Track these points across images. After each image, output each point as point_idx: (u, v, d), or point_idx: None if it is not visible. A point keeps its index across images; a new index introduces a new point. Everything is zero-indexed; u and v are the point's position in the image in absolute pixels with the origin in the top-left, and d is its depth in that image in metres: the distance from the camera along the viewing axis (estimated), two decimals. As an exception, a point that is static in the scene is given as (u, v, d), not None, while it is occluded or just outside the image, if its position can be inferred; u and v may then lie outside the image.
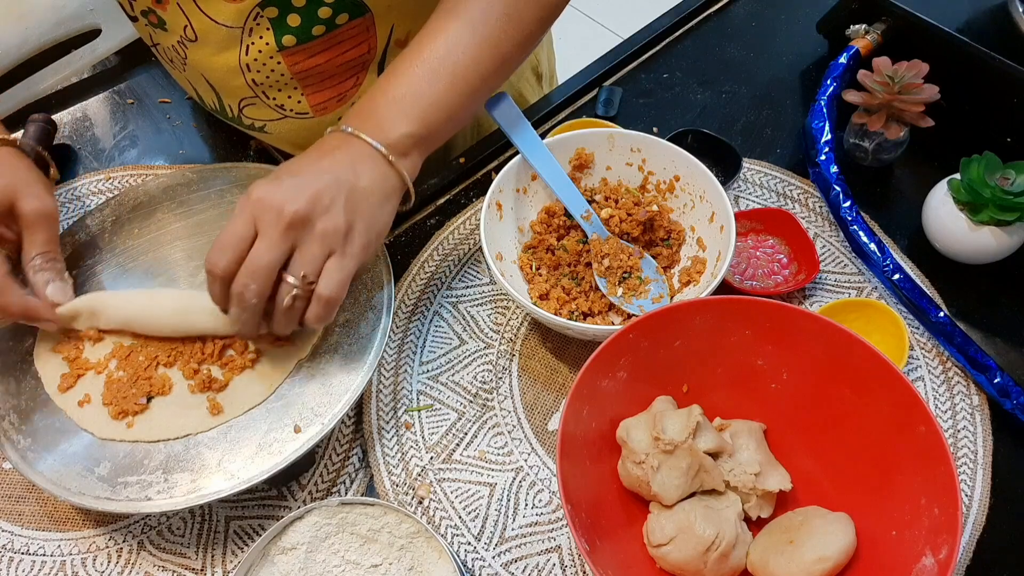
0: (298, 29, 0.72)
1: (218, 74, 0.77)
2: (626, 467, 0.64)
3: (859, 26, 0.89)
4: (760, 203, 0.84)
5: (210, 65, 0.75)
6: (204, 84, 0.80)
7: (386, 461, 0.70)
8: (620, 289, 0.74)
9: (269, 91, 0.77)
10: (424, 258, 0.82)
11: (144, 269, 0.76)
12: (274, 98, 0.78)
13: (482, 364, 0.75)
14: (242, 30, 0.71)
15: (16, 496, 0.69)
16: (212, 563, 0.66)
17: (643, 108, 0.93)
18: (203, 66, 0.76)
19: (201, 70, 0.77)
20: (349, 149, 0.63)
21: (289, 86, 0.77)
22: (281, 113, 0.80)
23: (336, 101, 0.80)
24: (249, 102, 0.79)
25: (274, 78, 0.75)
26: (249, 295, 0.60)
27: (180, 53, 0.76)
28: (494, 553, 0.66)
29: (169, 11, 0.71)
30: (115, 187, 0.88)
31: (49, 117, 0.91)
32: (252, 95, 0.78)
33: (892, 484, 0.60)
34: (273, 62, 0.74)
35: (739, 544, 0.61)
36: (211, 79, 0.78)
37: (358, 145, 0.63)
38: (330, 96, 0.79)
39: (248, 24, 0.71)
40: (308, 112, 0.80)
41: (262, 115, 0.80)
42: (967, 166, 0.74)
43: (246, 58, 0.74)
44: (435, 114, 0.65)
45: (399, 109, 0.64)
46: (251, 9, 0.70)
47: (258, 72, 0.75)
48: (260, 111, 0.80)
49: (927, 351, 0.74)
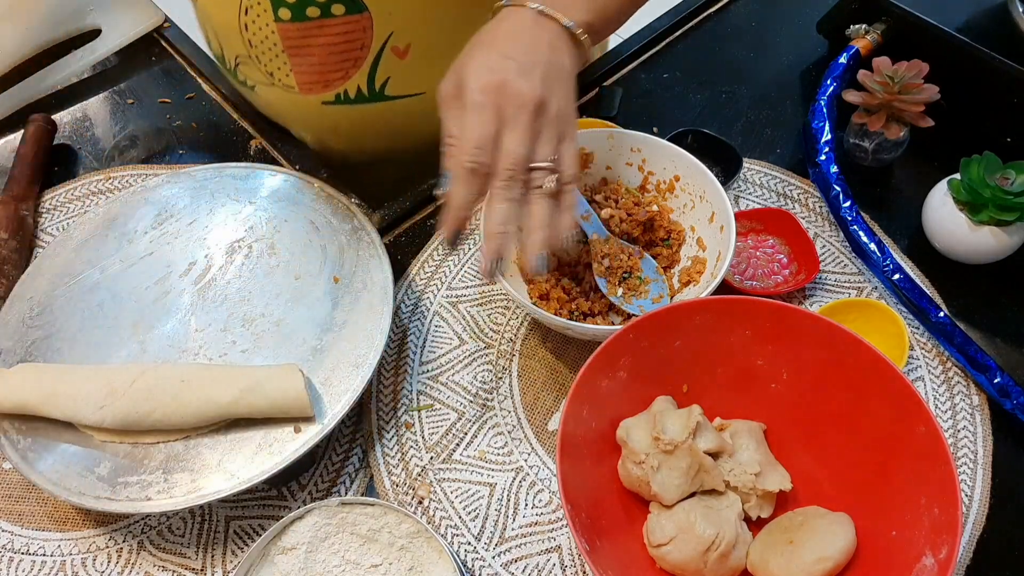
0: (294, 5, 0.74)
1: (220, 24, 0.80)
2: (626, 467, 0.64)
3: (859, 26, 0.89)
4: (760, 203, 0.84)
5: (212, 14, 0.79)
6: (211, 30, 0.83)
7: (386, 461, 0.70)
8: (620, 289, 0.74)
9: (262, 56, 0.80)
10: (424, 258, 0.82)
11: (144, 269, 0.76)
12: (265, 64, 0.81)
13: (482, 364, 0.75)
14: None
15: (16, 496, 0.69)
16: (212, 563, 0.66)
17: (643, 108, 0.93)
18: (207, 13, 0.80)
19: (206, 15, 0.81)
20: (544, 28, 0.63)
21: (280, 58, 0.79)
22: (271, 80, 0.82)
23: (322, 86, 0.81)
24: (243, 60, 0.82)
25: (267, 45, 0.78)
26: (516, 187, 0.59)
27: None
28: (494, 553, 0.66)
29: None
30: (115, 187, 0.88)
31: (49, 117, 0.91)
32: (247, 54, 0.81)
33: (892, 484, 0.60)
34: (268, 29, 0.76)
35: (739, 544, 0.61)
36: (214, 27, 0.81)
37: (550, 25, 0.63)
38: (318, 79, 0.81)
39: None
40: (294, 87, 0.81)
41: (253, 76, 0.84)
42: (967, 166, 0.74)
43: (245, 18, 0.77)
44: (611, 8, 0.67)
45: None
46: None
47: (254, 35, 0.78)
48: (252, 71, 0.83)
49: (927, 351, 0.74)
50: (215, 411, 0.65)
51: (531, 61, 0.60)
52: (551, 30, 0.63)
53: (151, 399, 0.65)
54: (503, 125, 0.59)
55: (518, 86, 0.59)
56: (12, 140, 0.92)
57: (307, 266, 0.76)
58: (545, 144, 0.60)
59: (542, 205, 0.60)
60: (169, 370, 0.67)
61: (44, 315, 0.74)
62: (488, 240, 0.60)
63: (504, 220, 0.59)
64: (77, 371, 0.67)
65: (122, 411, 0.64)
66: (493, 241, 0.60)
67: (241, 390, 0.65)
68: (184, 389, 0.65)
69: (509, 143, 0.59)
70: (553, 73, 0.61)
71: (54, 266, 0.77)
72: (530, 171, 0.59)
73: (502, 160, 0.59)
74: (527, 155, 0.59)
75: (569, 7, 0.64)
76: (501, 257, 0.60)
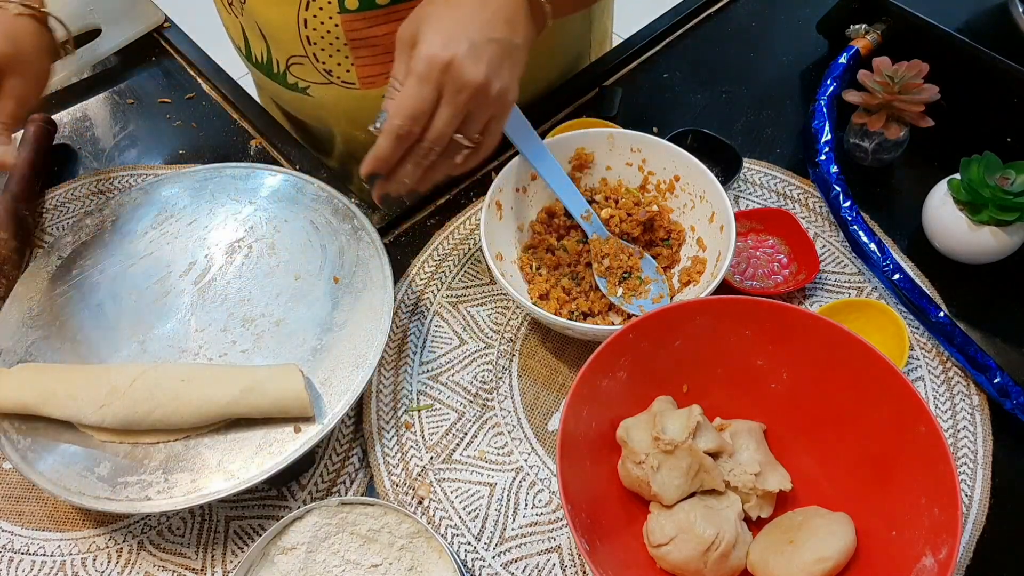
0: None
1: (274, 25, 0.77)
2: (626, 467, 0.64)
3: (859, 26, 0.89)
4: (760, 203, 0.84)
5: (267, 15, 0.76)
6: (256, 33, 0.80)
7: (386, 461, 0.70)
8: (620, 289, 0.74)
9: (320, 53, 0.77)
10: (424, 258, 0.82)
11: (144, 269, 0.76)
12: (324, 62, 0.78)
13: (482, 364, 0.75)
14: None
15: (16, 496, 0.69)
16: (212, 563, 0.66)
17: (643, 108, 0.93)
18: (260, 14, 0.76)
19: (256, 18, 0.77)
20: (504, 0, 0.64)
21: (341, 52, 0.77)
22: (327, 78, 0.80)
23: (384, 77, 0.79)
24: (297, 61, 0.79)
25: (328, 40, 0.75)
26: (432, 156, 0.63)
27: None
28: (494, 553, 0.66)
29: None
30: (115, 187, 0.88)
31: (49, 117, 0.91)
32: (302, 54, 0.78)
33: (892, 484, 0.60)
34: (331, 23, 0.74)
35: (739, 544, 0.61)
36: (265, 29, 0.78)
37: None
38: (380, 71, 0.79)
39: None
40: (355, 83, 0.79)
41: (308, 76, 0.81)
42: (967, 166, 0.74)
43: (305, 13, 0.74)
44: None
45: None
46: None
47: (314, 31, 0.75)
48: (307, 71, 0.80)
49: (927, 351, 0.74)
50: (215, 411, 0.65)
51: (484, 38, 0.61)
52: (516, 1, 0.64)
53: (151, 399, 0.65)
54: (441, 100, 0.61)
55: (465, 68, 0.60)
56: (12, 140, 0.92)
57: (307, 266, 0.76)
58: (474, 123, 0.63)
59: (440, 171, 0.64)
60: (169, 370, 0.67)
61: (44, 315, 0.74)
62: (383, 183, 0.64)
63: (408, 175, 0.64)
64: (77, 371, 0.68)
65: (122, 411, 0.64)
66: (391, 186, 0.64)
67: (241, 390, 0.65)
68: (184, 389, 0.65)
69: (440, 121, 0.61)
70: (503, 53, 0.62)
71: (54, 266, 0.77)
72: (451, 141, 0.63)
73: (429, 133, 0.62)
74: (452, 130, 0.62)
75: None
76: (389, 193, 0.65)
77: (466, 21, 0.61)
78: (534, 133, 0.76)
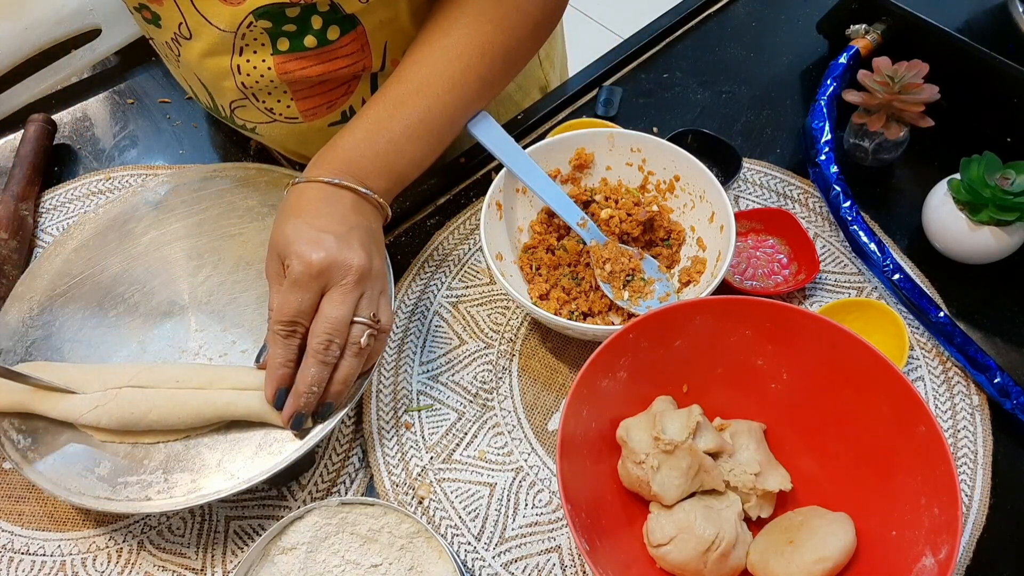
0: (292, 36, 0.72)
1: (209, 74, 0.77)
2: (626, 467, 0.64)
3: (859, 26, 0.89)
4: (760, 203, 0.84)
5: (202, 65, 0.76)
6: (197, 82, 0.80)
7: (386, 461, 0.70)
8: (626, 292, 0.74)
9: (259, 95, 0.78)
10: (424, 258, 0.82)
11: (144, 269, 0.76)
12: (264, 101, 0.78)
13: (482, 364, 0.75)
14: (235, 35, 0.71)
15: (16, 496, 0.69)
16: (212, 563, 0.66)
17: (643, 108, 0.93)
18: (195, 65, 0.77)
19: (193, 69, 0.78)
20: (343, 196, 0.67)
21: (278, 91, 0.77)
22: (271, 116, 0.80)
23: (326, 108, 0.80)
24: (239, 104, 0.79)
25: (263, 83, 0.76)
26: (334, 348, 0.62)
27: (174, 50, 0.77)
28: (494, 553, 0.66)
29: (165, 6, 0.72)
30: (115, 187, 0.88)
31: (49, 117, 0.91)
32: (242, 97, 0.78)
33: (892, 484, 0.60)
34: (264, 67, 0.74)
35: (739, 544, 0.61)
36: (203, 79, 0.79)
37: (348, 194, 0.67)
38: (320, 103, 0.79)
39: (241, 30, 0.71)
40: (297, 117, 0.80)
41: (252, 117, 0.81)
42: (967, 166, 0.74)
43: (238, 59, 0.74)
44: (411, 172, 0.72)
45: (382, 164, 0.69)
46: (246, 15, 0.70)
47: (248, 76, 0.75)
48: (250, 113, 0.80)
49: (927, 351, 0.74)
50: (212, 411, 0.65)
51: (346, 229, 0.65)
52: (350, 197, 0.67)
53: (147, 399, 0.64)
54: (325, 293, 0.63)
55: (344, 258, 0.63)
56: (12, 140, 0.92)
57: (307, 266, 0.76)
58: (368, 301, 0.64)
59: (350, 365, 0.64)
60: (165, 370, 0.67)
61: (44, 315, 0.74)
62: (295, 397, 0.63)
63: (316, 382, 0.62)
64: (76, 371, 0.67)
65: (117, 411, 0.64)
66: (300, 399, 0.63)
67: (240, 390, 0.65)
68: (181, 390, 0.65)
69: (330, 309, 0.62)
70: (367, 236, 0.66)
71: (54, 266, 0.77)
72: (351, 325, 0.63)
73: (321, 324, 0.62)
74: (348, 315, 0.63)
75: (364, 176, 0.68)
76: (304, 414, 0.63)
77: (319, 222, 0.64)
78: (518, 147, 0.76)
